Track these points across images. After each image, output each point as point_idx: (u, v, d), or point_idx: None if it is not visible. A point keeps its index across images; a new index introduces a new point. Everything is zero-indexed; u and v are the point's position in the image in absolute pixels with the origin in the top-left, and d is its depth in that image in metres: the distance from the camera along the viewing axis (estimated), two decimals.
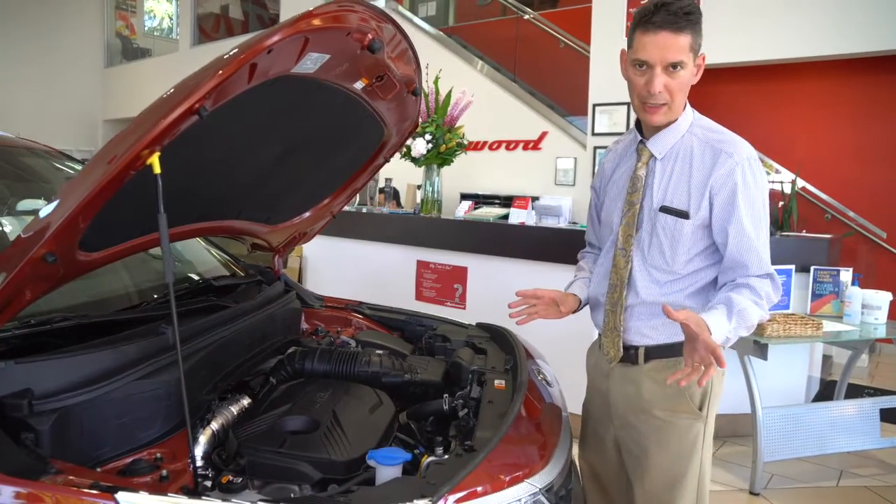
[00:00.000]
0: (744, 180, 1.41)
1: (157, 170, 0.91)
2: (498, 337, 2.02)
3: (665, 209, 1.48)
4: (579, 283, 1.71)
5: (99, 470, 1.10)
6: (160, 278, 1.93)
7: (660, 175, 1.50)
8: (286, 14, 8.29)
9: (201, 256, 2.29)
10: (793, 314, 3.13)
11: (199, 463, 1.26)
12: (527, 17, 7.77)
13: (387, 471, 1.15)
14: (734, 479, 3.05)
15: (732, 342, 1.39)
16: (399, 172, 5.18)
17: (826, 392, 3.95)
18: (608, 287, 1.57)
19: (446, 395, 1.63)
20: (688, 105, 1.51)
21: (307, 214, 2.13)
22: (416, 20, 7.56)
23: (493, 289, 3.85)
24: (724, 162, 1.42)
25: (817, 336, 2.95)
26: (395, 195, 5.49)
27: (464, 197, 6.33)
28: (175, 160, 1.25)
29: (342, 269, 4.61)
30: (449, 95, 4.14)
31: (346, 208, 4.64)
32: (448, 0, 9.63)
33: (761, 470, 2.90)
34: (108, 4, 11.24)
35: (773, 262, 3.18)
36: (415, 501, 0.97)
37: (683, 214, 1.45)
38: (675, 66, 1.38)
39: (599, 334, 1.65)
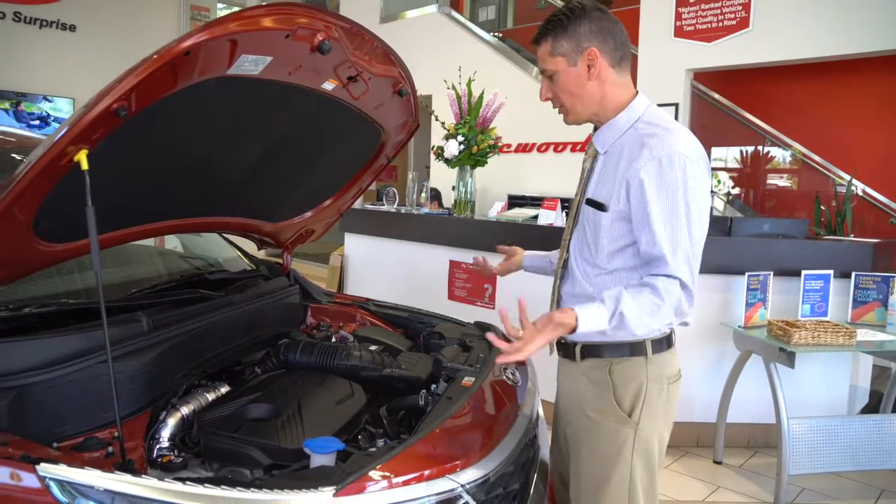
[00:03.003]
0: (658, 175, 1.36)
1: (85, 166, 0.99)
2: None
3: (588, 201, 1.51)
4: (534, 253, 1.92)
5: (56, 445, 1.18)
6: (164, 270, 2.05)
7: (598, 170, 1.52)
8: None
9: (220, 252, 2.40)
10: (825, 321, 2.97)
11: (165, 444, 1.35)
12: None
13: (319, 458, 1.18)
14: (759, 490, 2.92)
15: (611, 337, 1.42)
16: (445, 174, 5.23)
17: (878, 405, 3.71)
18: (554, 276, 1.65)
19: (423, 390, 1.66)
20: (639, 101, 1.48)
21: (309, 214, 2.20)
22: (472, 26, 7.56)
23: (522, 289, 3.81)
24: (642, 156, 1.38)
25: (849, 345, 2.78)
26: (437, 196, 5.54)
27: (511, 198, 6.32)
28: (149, 158, 1.34)
29: (381, 267, 4.71)
30: (481, 97, 4.14)
31: (386, 208, 4.76)
32: (507, 4, 9.63)
33: (786, 483, 2.75)
34: (183, 15, 11.82)
35: (810, 267, 3.06)
36: (320, 488, 1.01)
37: (601, 206, 1.46)
38: (546, 74, 1.50)
39: None
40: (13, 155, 1.82)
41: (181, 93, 1.10)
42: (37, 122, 8.68)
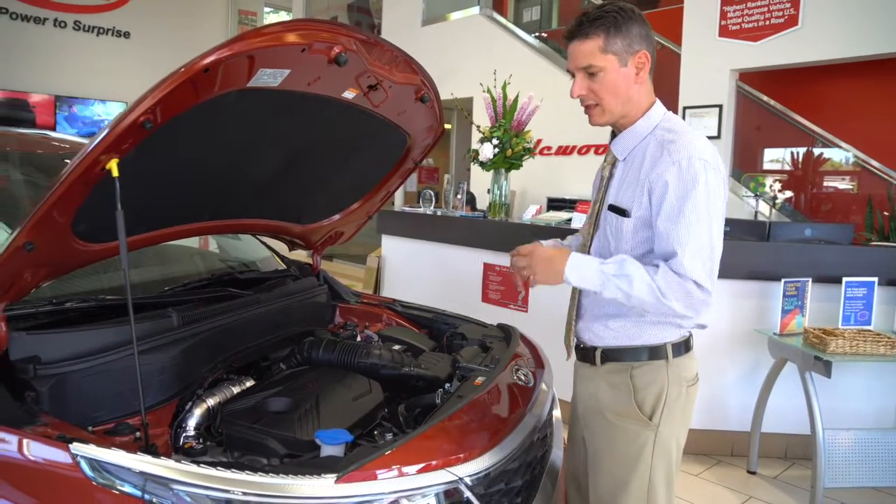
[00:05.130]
0: (678, 178, 1.38)
1: (115, 174, 1.08)
2: (508, 337, 2.07)
3: (611, 207, 1.52)
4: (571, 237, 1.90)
5: (91, 429, 1.29)
6: (198, 269, 2.16)
7: (618, 176, 1.53)
8: (387, 25, 8.64)
9: (256, 253, 2.51)
10: (865, 330, 2.88)
11: (191, 432, 1.44)
12: None
13: (328, 449, 1.25)
14: (793, 502, 2.86)
15: (602, 291, 1.41)
16: (485, 176, 5.27)
17: None
18: None
19: (440, 389, 1.71)
20: (657, 108, 1.50)
21: (337, 217, 2.28)
22: (513, 28, 7.57)
23: (555, 292, 3.82)
24: (662, 160, 1.40)
25: (891, 355, 2.69)
26: (472, 200, 5.58)
27: (550, 201, 6.32)
28: (177, 164, 1.43)
29: (417, 269, 4.78)
30: (516, 100, 4.17)
31: (423, 211, 4.84)
32: (552, 4, 9.59)
33: (821, 496, 2.69)
34: (231, 20, 12.19)
35: (853, 274, 2.98)
36: (322, 475, 1.07)
37: (624, 213, 1.47)
38: (589, 70, 1.46)
39: None
40: (66, 160, 1.96)
41: (205, 105, 1.18)
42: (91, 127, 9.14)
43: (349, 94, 1.61)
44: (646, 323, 1.50)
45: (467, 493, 1.18)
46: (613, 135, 1.57)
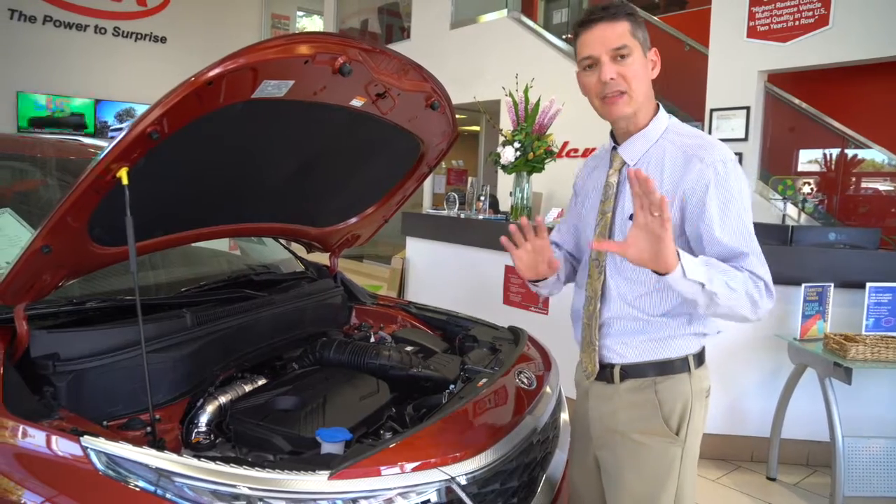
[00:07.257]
0: (717, 183, 1.33)
1: (125, 181, 1.14)
2: (517, 340, 2.10)
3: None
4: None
5: (106, 423, 1.36)
6: (217, 271, 2.24)
7: None
8: (416, 27, 8.71)
9: (278, 255, 2.59)
10: (889, 337, 2.82)
11: (202, 428, 1.50)
12: (654, 19, 7.51)
13: (328, 447, 1.29)
14: None
15: (708, 298, 1.26)
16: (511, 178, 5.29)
17: None
18: (585, 300, 1.52)
19: (447, 390, 1.75)
20: (662, 111, 1.47)
21: (353, 220, 2.33)
22: (541, 31, 7.56)
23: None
24: (694, 166, 1.36)
25: None
26: (494, 204, 5.59)
27: None
28: (188, 171, 1.49)
29: (440, 271, 4.82)
30: (538, 104, 4.18)
31: (446, 213, 4.88)
32: (581, 6, 9.55)
33: None
34: (264, 24, 12.43)
35: (879, 279, 2.92)
36: (316, 471, 1.11)
37: None
38: (621, 54, 1.38)
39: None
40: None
41: (213, 114, 1.24)
42: None
43: (357, 102, 1.65)
44: (667, 337, 1.44)
45: (460, 493, 1.22)
46: (613, 138, 1.52)
